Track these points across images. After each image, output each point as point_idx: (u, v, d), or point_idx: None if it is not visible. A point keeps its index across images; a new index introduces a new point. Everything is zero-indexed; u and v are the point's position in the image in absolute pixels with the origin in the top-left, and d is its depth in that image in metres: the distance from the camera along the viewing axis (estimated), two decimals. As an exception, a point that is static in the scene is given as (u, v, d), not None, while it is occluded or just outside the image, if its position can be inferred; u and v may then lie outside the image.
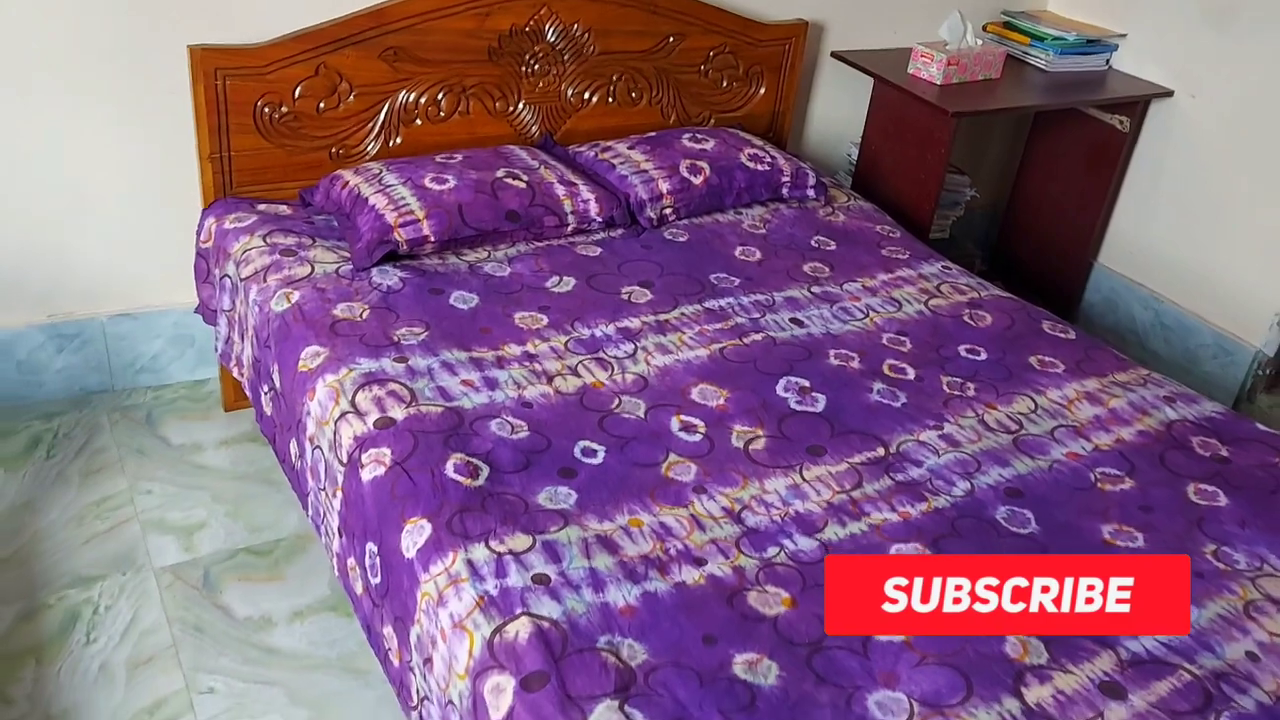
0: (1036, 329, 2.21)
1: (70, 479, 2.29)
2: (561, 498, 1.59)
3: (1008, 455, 1.81)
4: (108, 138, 2.32)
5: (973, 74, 2.92)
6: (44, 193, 2.32)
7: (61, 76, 2.22)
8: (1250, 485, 1.77)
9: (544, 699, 1.26)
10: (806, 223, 2.56)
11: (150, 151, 2.36)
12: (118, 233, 2.43)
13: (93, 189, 2.36)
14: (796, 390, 1.91)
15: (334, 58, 2.33)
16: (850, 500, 1.66)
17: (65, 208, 2.35)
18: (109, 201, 2.39)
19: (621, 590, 1.43)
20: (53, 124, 2.26)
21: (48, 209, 2.34)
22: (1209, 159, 2.97)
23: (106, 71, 2.25)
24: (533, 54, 2.54)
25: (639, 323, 2.07)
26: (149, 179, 2.39)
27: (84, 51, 2.22)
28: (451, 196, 2.23)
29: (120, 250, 2.45)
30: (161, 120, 2.33)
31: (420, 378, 1.82)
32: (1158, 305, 3.15)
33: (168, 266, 2.48)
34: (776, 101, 2.93)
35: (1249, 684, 1.37)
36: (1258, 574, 1.58)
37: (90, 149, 2.32)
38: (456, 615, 1.39)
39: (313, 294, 2.02)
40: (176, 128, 2.32)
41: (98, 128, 2.30)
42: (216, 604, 2.03)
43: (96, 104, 2.28)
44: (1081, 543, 1.61)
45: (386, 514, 1.57)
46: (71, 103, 2.26)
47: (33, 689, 1.82)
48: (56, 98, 2.24)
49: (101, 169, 2.35)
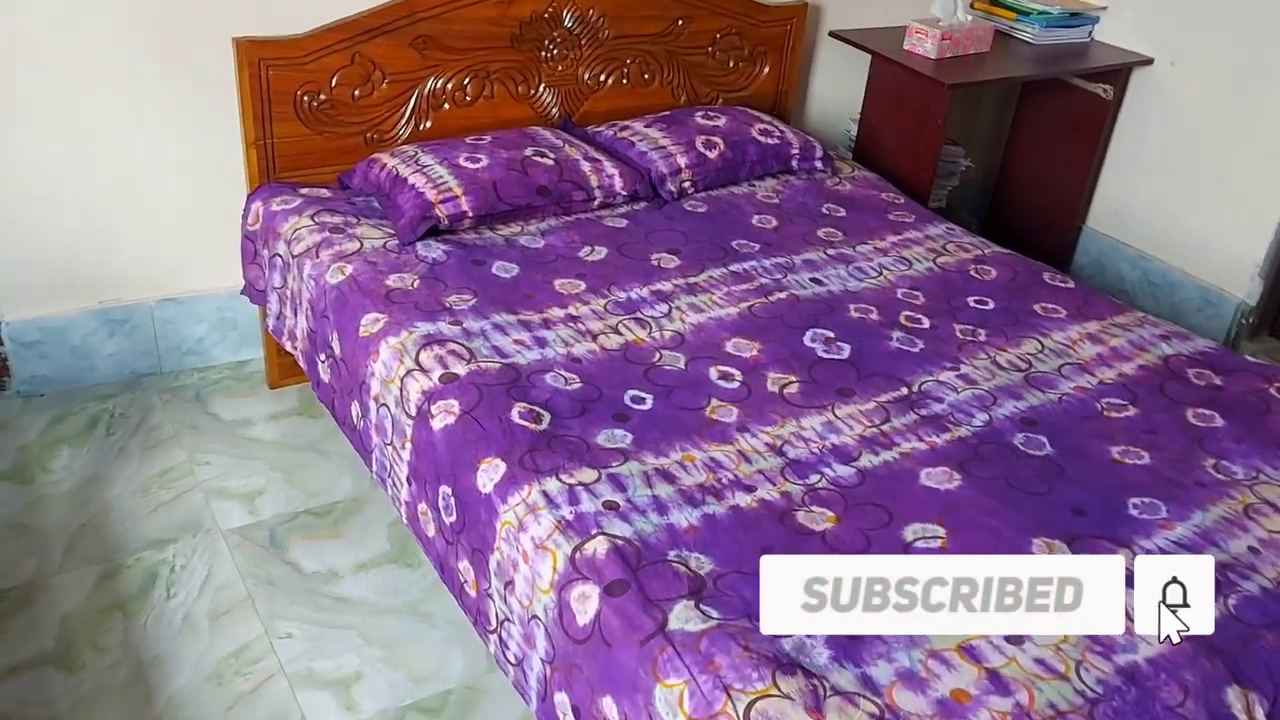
0: (1038, 280, 2.37)
1: (131, 453, 2.42)
2: (618, 439, 1.73)
3: (1020, 390, 1.96)
4: (155, 129, 2.45)
5: (964, 48, 3.08)
6: (94, 183, 2.45)
7: (113, 69, 2.35)
8: (1242, 408, 1.93)
9: (627, 601, 1.40)
10: (816, 192, 2.71)
11: (195, 142, 2.49)
12: (163, 220, 2.56)
13: (140, 179, 2.49)
14: (823, 341, 2.06)
15: (367, 47, 2.46)
16: (881, 433, 1.81)
17: (114, 197, 2.48)
18: (156, 190, 2.51)
19: (683, 513, 1.58)
20: (102, 117, 2.39)
21: (98, 198, 2.47)
22: (1189, 123, 3.15)
23: (155, 64, 2.38)
24: (551, 39, 2.68)
25: (670, 285, 2.22)
26: (195, 168, 2.52)
27: (133, 45, 2.34)
28: (486, 174, 2.37)
29: (166, 237, 2.58)
30: (206, 111, 2.46)
31: (476, 338, 1.96)
32: (1145, 264, 3.33)
33: (211, 253, 2.61)
34: (780, 80, 3.08)
35: (1252, 573, 1.53)
36: (1254, 482, 1.74)
37: (138, 140, 2.44)
38: (538, 538, 1.53)
39: (365, 266, 2.15)
40: (220, 118, 2.45)
41: (145, 119, 2.43)
42: (284, 560, 2.17)
43: (145, 96, 2.41)
44: (1092, 462, 1.77)
45: (460, 457, 1.71)
46: (121, 95, 2.38)
47: (124, 638, 1.95)
48: (108, 91, 2.37)
49: (149, 159, 2.47)
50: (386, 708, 1.87)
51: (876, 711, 1.26)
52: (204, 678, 1.89)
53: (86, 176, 2.43)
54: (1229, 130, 3.05)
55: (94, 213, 2.48)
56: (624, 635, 1.37)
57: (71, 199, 2.44)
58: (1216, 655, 1.38)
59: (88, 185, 2.44)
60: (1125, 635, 1.40)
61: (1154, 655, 1.38)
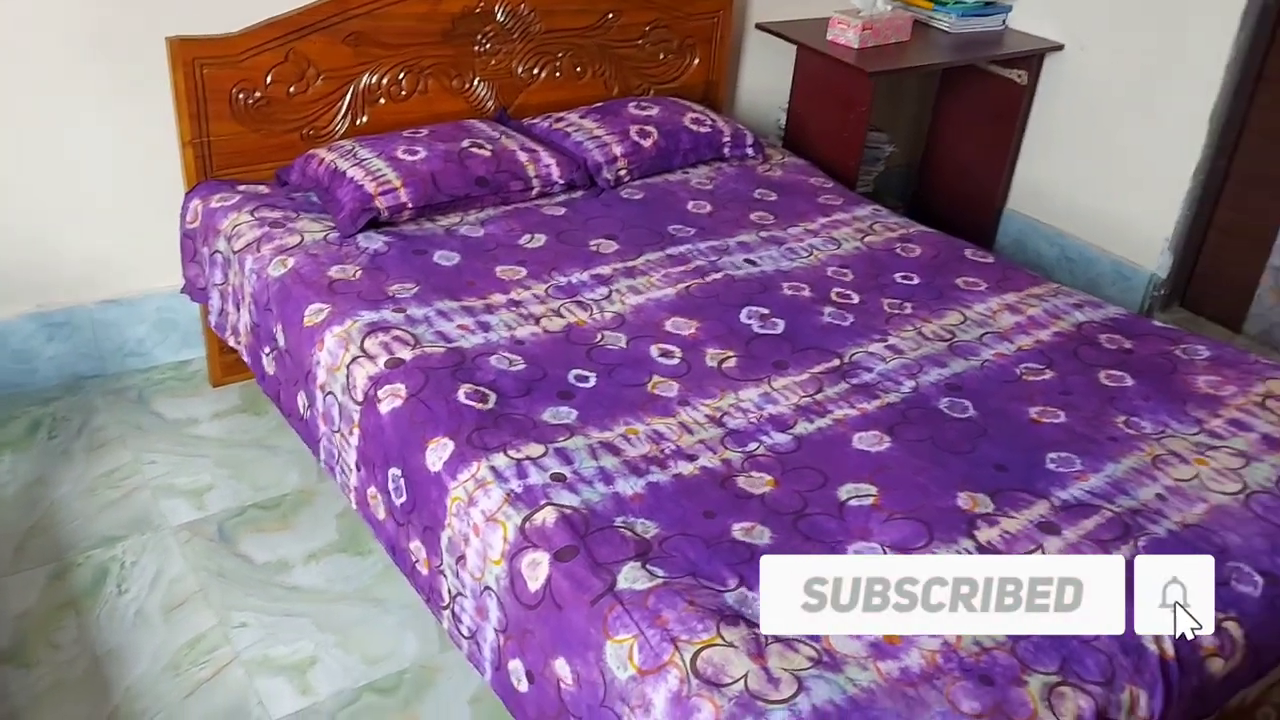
0: (960, 256, 2.48)
1: (75, 455, 2.41)
2: (563, 415, 1.79)
3: (945, 358, 2.06)
4: (91, 130, 2.44)
5: (885, 38, 3.19)
6: (30, 185, 2.44)
7: (48, 70, 2.35)
8: (1151, 369, 2.05)
9: (576, 565, 1.46)
10: (748, 179, 2.79)
11: (132, 142, 2.49)
12: (101, 221, 2.55)
13: (76, 180, 2.48)
14: (758, 317, 2.14)
15: (301, 44, 2.49)
16: (815, 402, 1.90)
17: (50, 199, 2.47)
18: (92, 191, 2.51)
19: (629, 483, 1.64)
20: (37, 118, 2.38)
21: (33, 201, 2.45)
22: (1100, 105, 3.29)
23: (90, 64, 2.38)
24: (484, 34, 2.72)
25: (610, 269, 2.28)
26: (132, 168, 2.52)
27: (69, 45, 2.34)
28: (424, 166, 2.41)
29: (104, 238, 2.57)
30: (140, 112, 2.46)
31: (420, 324, 2.00)
32: (1062, 241, 3.47)
33: (150, 253, 2.61)
34: (709, 71, 3.16)
35: (1159, 517, 1.64)
36: (1161, 435, 1.86)
37: (73, 141, 2.44)
38: (488, 511, 1.58)
39: (306, 259, 2.18)
40: (155, 119, 2.45)
41: (81, 120, 2.43)
42: (235, 553, 2.19)
43: (80, 97, 2.40)
44: (1012, 422, 1.87)
45: (408, 439, 1.76)
46: (56, 96, 2.38)
47: (78, 634, 1.96)
48: (42, 92, 2.36)
49: (85, 160, 2.47)
50: (343, 689, 1.91)
51: (815, 655, 1.33)
52: (160, 668, 1.91)
53: (21, 179, 2.42)
54: (1137, 111, 3.20)
55: (30, 215, 2.47)
56: (574, 597, 1.43)
57: (5, 202, 2.42)
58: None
59: (22, 187, 2.43)
60: (1044, 576, 1.49)
61: (1070, 594, 1.47)
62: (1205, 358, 2.10)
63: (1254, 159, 3.11)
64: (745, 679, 1.28)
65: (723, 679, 1.28)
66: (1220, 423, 1.90)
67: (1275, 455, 1.81)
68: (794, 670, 1.30)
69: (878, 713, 1.26)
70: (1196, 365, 2.07)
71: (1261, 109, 3.07)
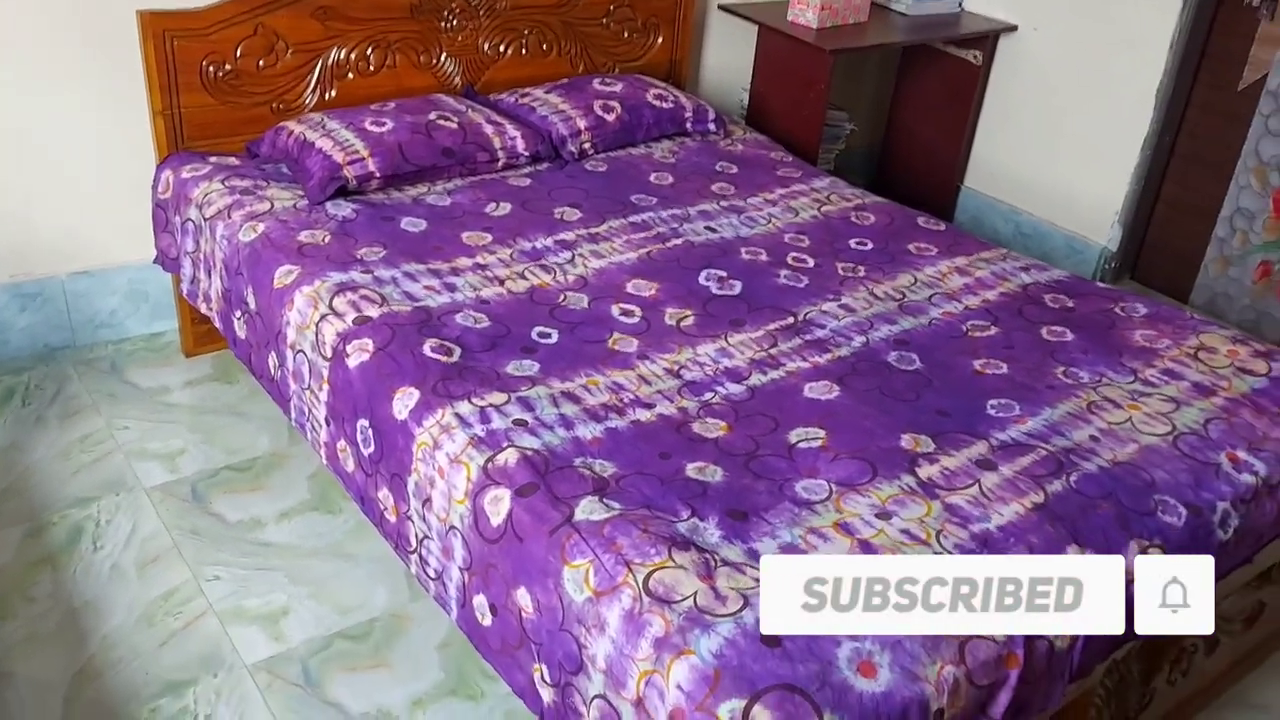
0: (913, 224, 2.56)
1: (49, 422, 2.45)
2: (526, 368, 1.86)
3: (895, 316, 2.14)
4: (60, 100, 2.49)
5: (844, 18, 3.27)
6: (3, 160, 2.47)
7: (16, 41, 2.38)
8: (1090, 325, 2.15)
9: (537, 500, 1.53)
10: (709, 152, 2.87)
11: (103, 114, 2.54)
12: (73, 193, 2.59)
13: (49, 153, 2.52)
14: (716, 280, 2.22)
15: (270, 18, 2.54)
16: (769, 356, 1.98)
17: (21, 171, 2.51)
18: (63, 162, 2.55)
19: (588, 428, 1.71)
20: (5, 90, 2.42)
21: (4, 173, 2.49)
22: (1052, 84, 3.39)
23: (60, 36, 2.42)
24: (450, 10, 2.78)
25: (573, 235, 2.35)
26: (103, 141, 2.57)
27: (37, 16, 2.38)
28: (392, 137, 2.47)
29: (76, 210, 2.61)
30: (111, 83, 2.51)
31: (387, 285, 2.07)
32: (1017, 217, 3.57)
33: (121, 225, 2.66)
34: (673, 50, 3.24)
35: (1092, 455, 1.73)
36: (1098, 384, 1.95)
37: (44, 113, 2.48)
38: (452, 453, 1.65)
39: (276, 225, 2.24)
40: (126, 90, 2.50)
41: (51, 90, 2.47)
42: (208, 512, 2.24)
43: (50, 69, 2.44)
44: (957, 374, 1.95)
45: (375, 390, 1.82)
46: (25, 68, 2.42)
47: (53, 589, 2.01)
48: (11, 64, 2.40)
49: (56, 133, 2.51)
50: (314, 636, 1.97)
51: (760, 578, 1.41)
52: (135, 619, 1.96)
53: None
54: (1087, 90, 3.30)
55: (3, 189, 2.50)
56: (534, 528, 1.50)
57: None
58: (1059, 521, 1.57)
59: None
60: (978, 507, 1.58)
61: (1004, 523, 1.56)
62: (1143, 315, 2.20)
63: (1197, 136, 3.22)
64: (694, 596, 1.36)
65: (673, 597, 1.36)
66: (1154, 372, 1.99)
67: (1204, 401, 1.90)
68: (740, 589, 1.38)
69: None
70: (1134, 321, 2.17)
71: (1204, 87, 3.18)
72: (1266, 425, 1.85)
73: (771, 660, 1.28)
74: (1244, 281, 3.18)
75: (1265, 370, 2.01)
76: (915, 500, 1.59)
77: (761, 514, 1.54)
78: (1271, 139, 3.03)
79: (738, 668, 1.27)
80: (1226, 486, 1.71)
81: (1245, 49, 3.05)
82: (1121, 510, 1.61)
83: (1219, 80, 3.13)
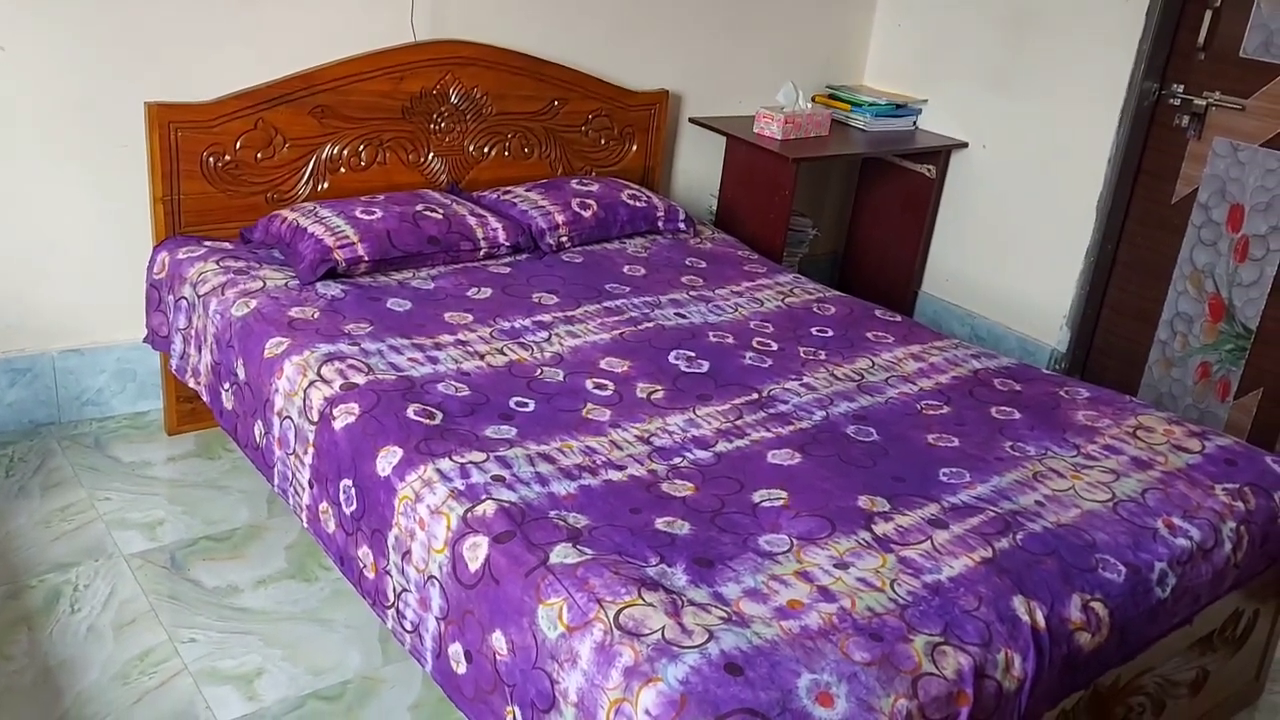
0: (871, 315, 2.72)
1: (31, 491, 2.50)
2: (505, 432, 1.96)
3: (854, 394, 2.27)
4: (65, 187, 2.62)
5: (806, 131, 3.51)
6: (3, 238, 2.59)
7: (25, 126, 2.52)
8: (1036, 405, 2.28)
9: (514, 545, 1.61)
10: (680, 249, 3.04)
11: (101, 199, 2.67)
12: (68, 272, 2.70)
13: (49, 233, 2.64)
14: (685, 359, 2.35)
15: (270, 114, 2.71)
16: (734, 426, 2.09)
17: (19, 249, 2.62)
18: (61, 242, 2.66)
19: (562, 485, 1.80)
20: (15, 173, 2.55)
21: (6, 253, 2.60)
22: (1001, 196, 3.63)
23: (65, 122, 2.56)
24: (440, 113, 2.98)
25: (550, 317, 2.48)
26: (101, 223, 2.69)
27: (48, 104, 2.53)
28: (380, 225, 2.61)
29: (70, 289, 2.71)
30: (114, 170, 2.64)
31: (373, 356, 2.17)
32: (972, 320, 3.76)
33: (113, 305, 2.76)
34: (647, 157, 3.44)
35: (1037, 518, 1.83)
36: (1043, 456, 2.07)
37: (44, 196, 2.60)
38: (433, 505, 1.73)
39: (268, 301, 2.35)
40: (128, 177, 2.64)
41: (57, 177, 2.60)
42: (186, 578, 2.28)
43: (57, 155, 2.58)
44: (911, 445, 2.07)
45: (360, 449, 1.91)
46: (34, 153, 2.55)
47: (29, 647, 2.03)
48: (20, 148, 2.54)
49: (56, 214, 2.63)
50: (287, 696, 2.00)
51: (725, 615, 1.49)
52: (110, 677, 1.99)
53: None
54: (1034, 202, 3.54)
55: (2, 265, 2.61)
56: (510, 570, 1.58)
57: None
58: (1005, 574, 1.67)
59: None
60: (930, 560, 1.68)
61: (954, 575, 1.65)
62: (1085, 397, 2.34)
63: (1137, 245, 3.44)
64: (663, 630, 1.43)
65: (642, 630, 1.43)
66: (1096, 448, 2.12)
67: (1142, 473, 2.03)
68: (706, 625, 1.45)
69: (780, 658, 1.41)
70: (1077, 403, 2.31)
71: (1141, 200, 3.41)
72: (1200, 496, 1.98)
73: (734, 686, 1.35)
74: (1186, 381, 3.35)
75: (1199, 448, 2.14)
76: (871, 553, 1.69)
77: (726, 562, 1.62)
78: (1204, 248, 3.25)
79: (702, 693, 1.34)
80: (1163, 549, 1.82)
81: (1176, 166, 3.30)
82: (1065, 565, 1.71)
83: (1154, 194, 3.37)
